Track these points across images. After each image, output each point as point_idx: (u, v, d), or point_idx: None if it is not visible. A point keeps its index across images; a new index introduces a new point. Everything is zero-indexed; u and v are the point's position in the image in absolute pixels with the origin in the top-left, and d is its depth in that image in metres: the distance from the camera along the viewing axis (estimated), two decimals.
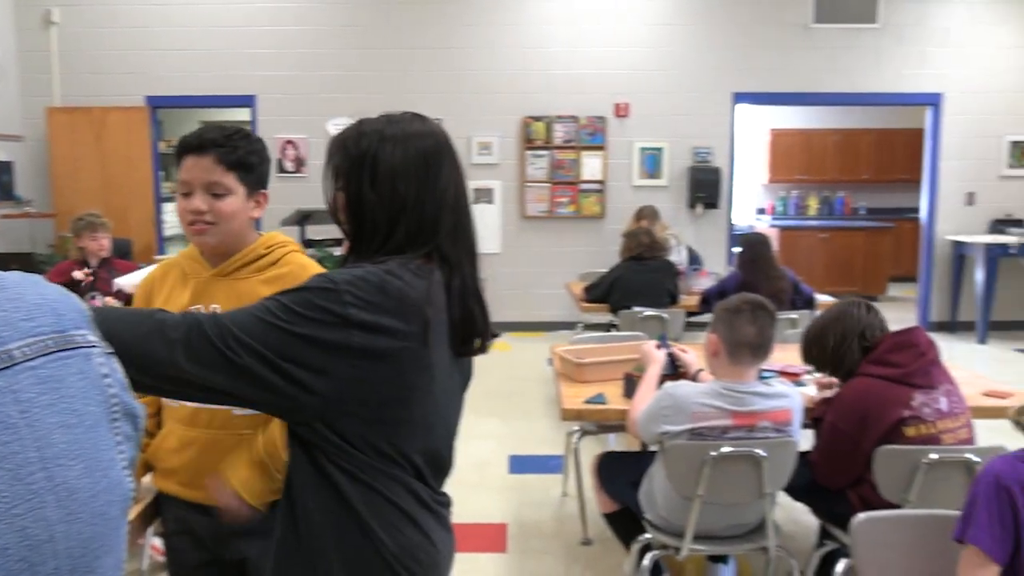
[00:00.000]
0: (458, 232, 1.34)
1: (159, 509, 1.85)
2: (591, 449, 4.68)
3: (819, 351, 2.75)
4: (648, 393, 2.74)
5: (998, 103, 8.08)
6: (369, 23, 7.85)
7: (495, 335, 1.43)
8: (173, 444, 1.77)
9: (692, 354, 3.05)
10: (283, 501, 1.32)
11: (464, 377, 1.44)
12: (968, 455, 2.44)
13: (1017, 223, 7.99)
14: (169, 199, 8.05)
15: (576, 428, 3.63)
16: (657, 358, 2.92)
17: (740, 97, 7.98)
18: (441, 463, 1.37)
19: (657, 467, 2.62)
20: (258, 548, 1.67)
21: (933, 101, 8.06)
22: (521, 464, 4.60)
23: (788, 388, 2.58)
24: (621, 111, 7.94)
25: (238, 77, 7.86)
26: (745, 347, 2.46)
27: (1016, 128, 8.12)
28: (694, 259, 6.47)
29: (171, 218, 7.98)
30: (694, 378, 2.85)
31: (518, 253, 8.12)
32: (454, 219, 1.33)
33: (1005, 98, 8.08)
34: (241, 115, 8.19)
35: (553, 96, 7.95)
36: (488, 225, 7.94)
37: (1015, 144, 8.13)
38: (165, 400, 1.81)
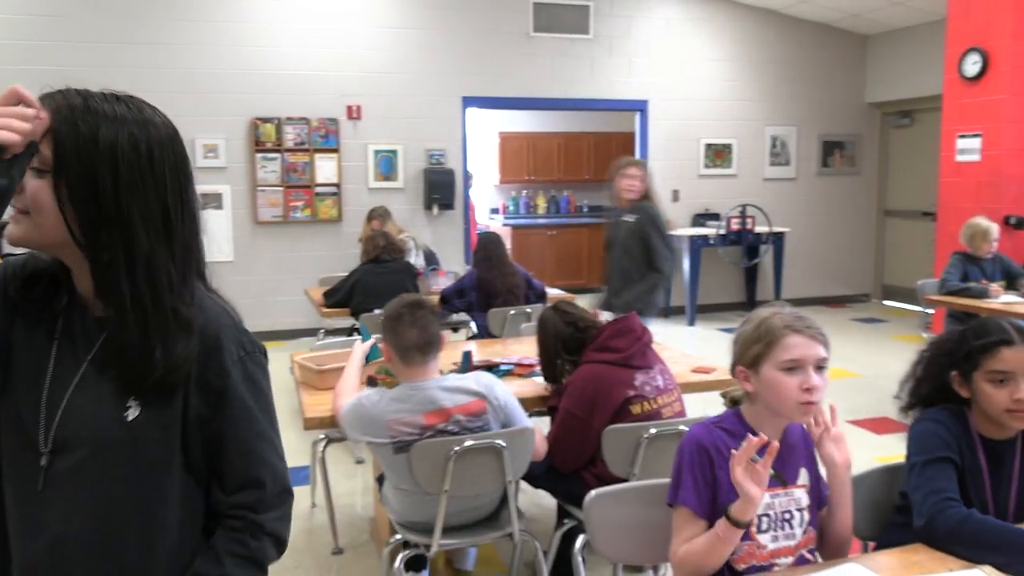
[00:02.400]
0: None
1: None
2: (339, 457, 4.62)
3: (541, 363, 3.01)
4: (349, 385, 2.77)
5: (695, 109, 9.03)
6: (73, 14, 7.13)
7: None
8: None
9: None
10: None
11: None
12: (682, 427, 2.69)
13: (714, 217, 8.97)
14: None
15: (321, 436, 3.56)
16: (360, 349, 2.96)
17: (469, 101, 8.24)
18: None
19: (387, 469, 2.65)
20: None
21: (640, 107, 8.83)
22: None
23: (476, 381, 2.62)
24: (354, 113, 7.88)
25: None
26: (413, 349, 2.53)
27: (710, 132, 9.12)
28: (431, 259, 6.58)
29: None
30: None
31: (252, 260, 7.79)
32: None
33: (701, 105, 9.05)
34: None
35: (282, 97, 7.71)
36: (218, 232, 7.53)
37: (709, 146, 9.13)
38: None
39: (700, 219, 9.07)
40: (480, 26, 8.18)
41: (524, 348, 3.76)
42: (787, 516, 1.81)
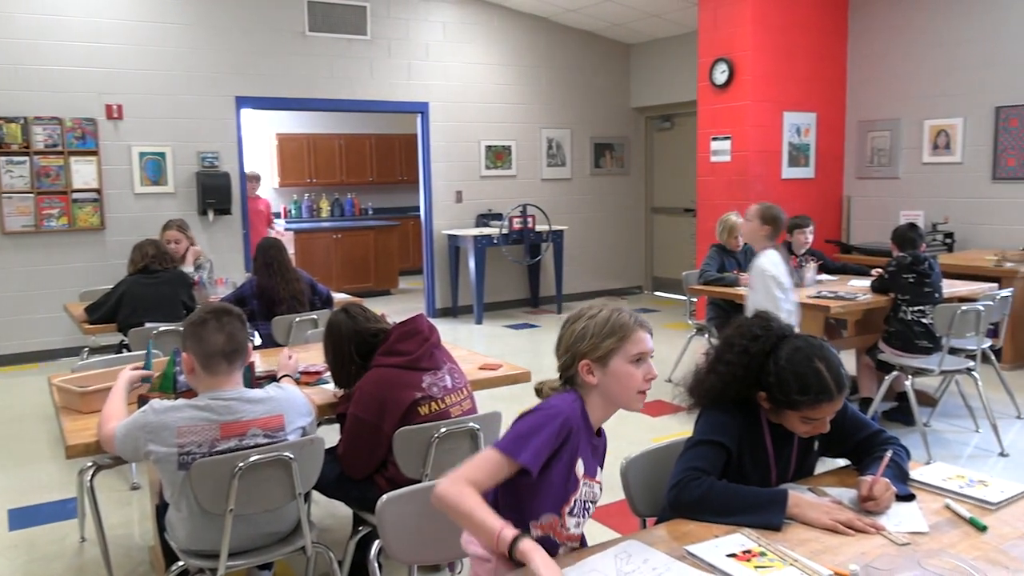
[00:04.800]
0: None
1: None
2: (110, 484, 4.28)
3: (331, 369, 2.96)
4: (116, 409, 2.60)
5: (474, 112, 9.22)
6: None
7: None
8: None
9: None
10: None
11: None
12: (472, 424, 2.75)
13: (497, 216, 9.21)
14: None
15: (89, 464, 3.27)
16: (127, 375, 2.80)
17: (243, 101, 7.90)
18: None
19: (169, 492, 2.48)
20: None
21: (421, 109, 8.88)
22: (24, 517, 4.00)
23: (280, 392, 2.56)
24: (114, 113, 7.30)
25: None
26: (218, 355, 2.42)
27: (490, 134, 9.34)
28: (200, 267, 6.18)
29: None
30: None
31: (0, 275, 7.02)
32: None
33: (480, 108, 9.25)
34: None
35: (29, 94, 7.00)
36: None
37: (490, 148, 9.36)
38: None
39: (483, 219, 9.27)
40: (251, 24, 7.87)
41: (311, 355, 3.67)
42: (587, 506, 1.93)
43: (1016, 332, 6.35)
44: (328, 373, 3.07)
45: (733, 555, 1.70)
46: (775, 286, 4.23)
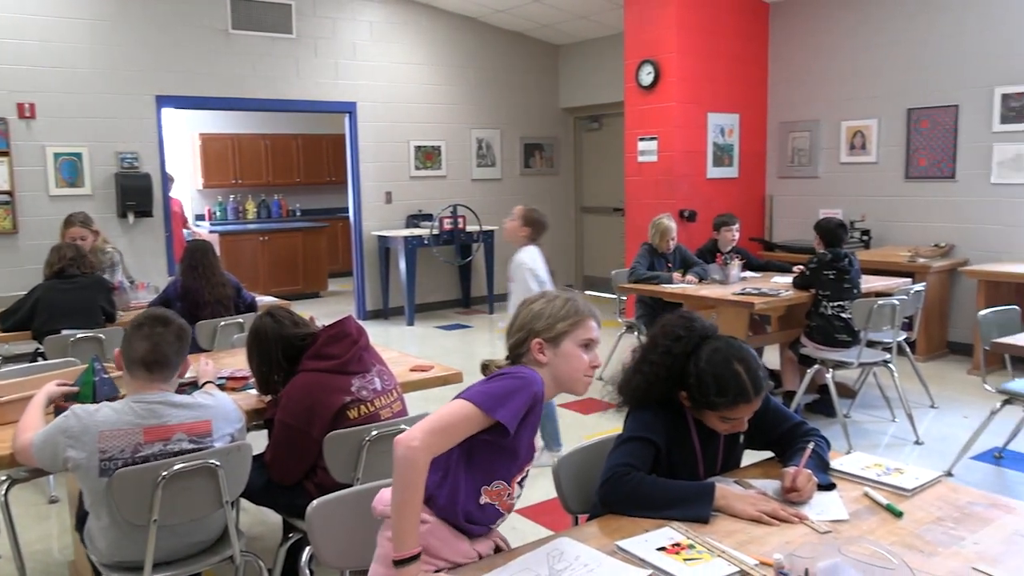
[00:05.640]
0: None
1: None
2: (27, 499, 4.11)
3: (256, 374, 2.90)
4: (36, 415, 2.52)
5: (402, 112, 9.16)
6: None
7: None
8: None
9: None
10: None
11: None
12: (403, 425, 2.73)
13: (427, 217, 9.17)
14: None
15: (2, 478, 3.14)
16: (48, 388, 2.71)
17: (164, 100, 7.68)
18: None
19: (89, 501, 2.40)
20: None
21: (349, 109, 8.79)
22: None
23: (208, 399, 2.51)
24: (26, 112, 7.01)
25: None
26: (138, 363, 2.37)
27: (419, 134, 9.30)
28: (114, 265, 5.97)
29: None
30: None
31: None
32: None
33: (407, 108, 9.20)
34: None
35: None
36: None
37: (419, 148, 9.31)
38: None
39: (414, 220, 9.22)
40: (172, 20, 7.66)
41: (236, 360, 3.59)
42: (523, 481, 1.98)
43: (929, 325, 6.61)
44: (252, 380, 3.01)
45: (663, 548, 1.73)
46: (531, 277, 4.46)
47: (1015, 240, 6.57)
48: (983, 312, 4.41)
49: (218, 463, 2.40)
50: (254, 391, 3.06)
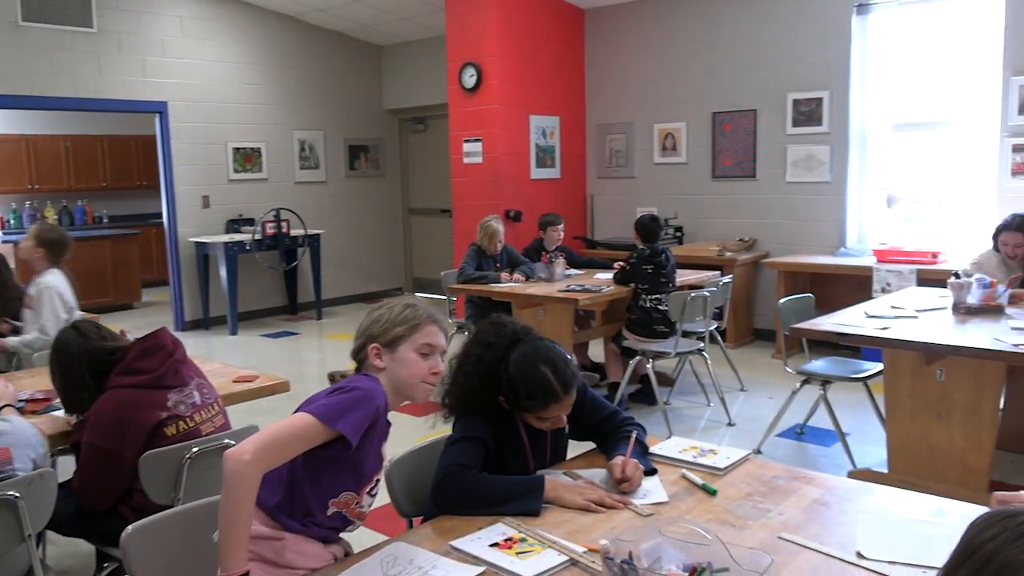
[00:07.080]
0: None
1: None
2: None
3: (61, 394, 2.69)
4: None
5: (219, 112, 8.76)
6: None
7: None
8: None
9: None
10: None
11: None
12: (227, 440, 2.61)
13: (249, 222, 8.83)
14: None
15: None
16: None
17: None
18: None
19: None
20: None
21: (160, 109, 8.30)
22: None
23: (4, 424, 2.34)
24: None
25: None
26: None
27: (237, 136, 8.93)
28: None
29: None
30: None
31: None
32: None
33: (224, 108, 8.81)
34: None
35: None
36: None
37: (238, 150, 8.94)
38: None
39: (234, 225, 8.85)
40: None
41: (38, 381, 3.31)
42: (374, 491, 1.98)
43: (737, 314, 7.10)
44: (57, 400, 2.78)
45: (495, 544, 1.76)
46: (60, 303, 4.33)
47: (808, 234, 7.18)
48: (783, 300, 4.78)
49: (18, 494, 2.20)
50: (60, 412, 2.83)
